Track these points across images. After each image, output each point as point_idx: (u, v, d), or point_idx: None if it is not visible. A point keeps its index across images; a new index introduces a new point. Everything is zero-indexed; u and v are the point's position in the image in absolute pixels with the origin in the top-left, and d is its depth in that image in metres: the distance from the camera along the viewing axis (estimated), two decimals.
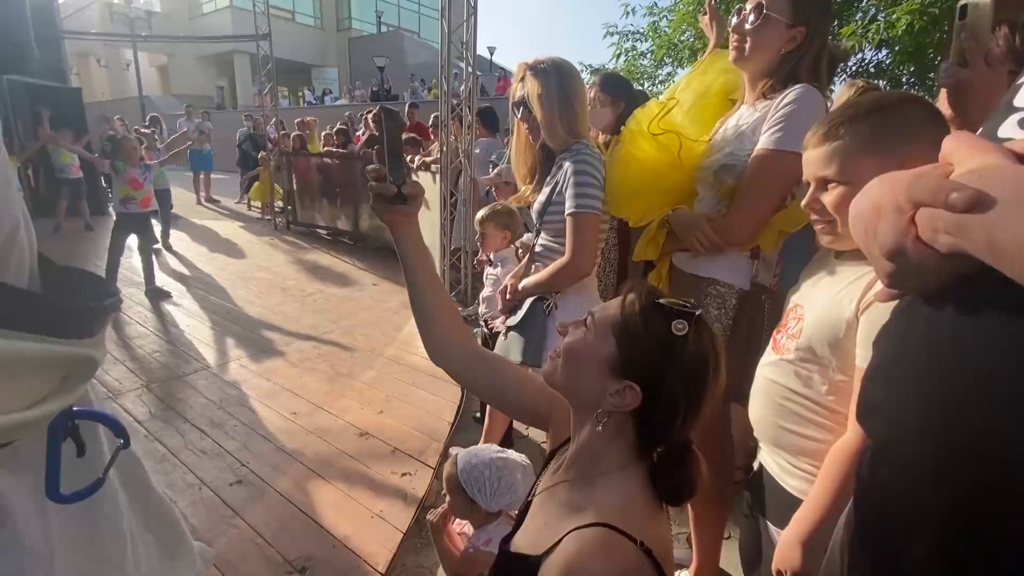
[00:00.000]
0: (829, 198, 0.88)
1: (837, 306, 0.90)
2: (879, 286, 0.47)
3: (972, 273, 0.35)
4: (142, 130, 6.95)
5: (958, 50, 1.11)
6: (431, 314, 0.85)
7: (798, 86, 1.20)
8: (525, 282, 1.60)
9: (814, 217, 0.94)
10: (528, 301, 1.58)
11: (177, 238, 6.42)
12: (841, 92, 1.91)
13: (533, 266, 1.62)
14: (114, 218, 4.26)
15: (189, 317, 4.00)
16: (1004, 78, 1.03)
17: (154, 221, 4.83)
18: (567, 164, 1.46)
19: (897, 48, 5.11)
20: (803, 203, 0.95)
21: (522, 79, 1.49)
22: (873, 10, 5.13)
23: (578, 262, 1.45)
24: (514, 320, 1.60)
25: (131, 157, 4.19)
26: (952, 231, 0.34)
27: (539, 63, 1.46)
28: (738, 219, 1.27)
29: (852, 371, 0.88)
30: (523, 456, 1.46)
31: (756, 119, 1.26)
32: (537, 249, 1.62)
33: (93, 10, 21.95)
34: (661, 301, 0.67)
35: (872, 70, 5.74)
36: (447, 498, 1.45)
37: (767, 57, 1.26)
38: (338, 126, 8.11)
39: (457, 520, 1.52)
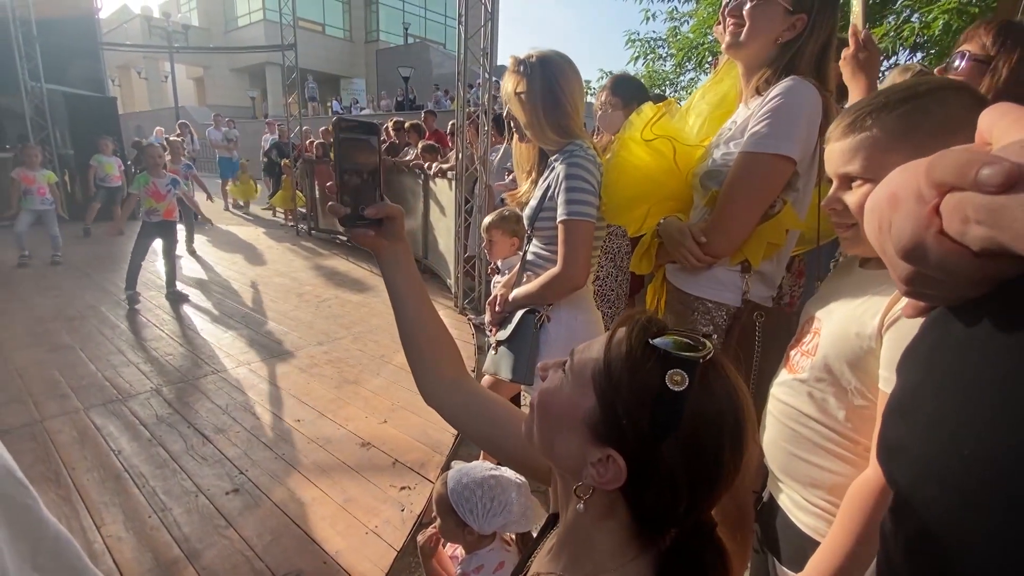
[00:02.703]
0: (852, 198, 0.76)
1: (858, 320, 0.78)
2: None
3: (1015, 277, 0.26)
4: (171, 138, 7.13)
5: None
6: (421, 351, 0.74)
7: (788, 78, 1.07)
8: (515, 293, 1.49)
9: (835, 220, 0.83)
10: (519, 313, 1.48)
11: (201, 243, 6.56)
12: (891, 77, 1.72)
13: (525, 275, 1.52)
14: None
15: (205, 321, 4.03)
16: None
17: (180, 226, 4.93)
18: (558, 167, 1.36)
19: (934, 52, 4.87)
20: (823, 203, 0.83)
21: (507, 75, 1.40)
22: (907, 11, 4.90)
23: (570, 272, 1.34)
24: (504, 334, 1.50)
25: (155, 165, 4.28)
26: (985, 219, 0.25)
27: (527, 57, 1.36)
28: (716, 230, 1.14)
29: (875, 394, 0.77)
30: (518, 475, 1.37)
31: (746, 118, 1.14)
32: (528, 257, 1.52)
33: (134, 24, 22.95)
34: (656, 342, 0.49)
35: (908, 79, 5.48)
36: (437, 520, 1.37)
37: (764, 44, 1.13)
38: None
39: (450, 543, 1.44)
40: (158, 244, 4.38)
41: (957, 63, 1.28)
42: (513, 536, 1.41)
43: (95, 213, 6.78)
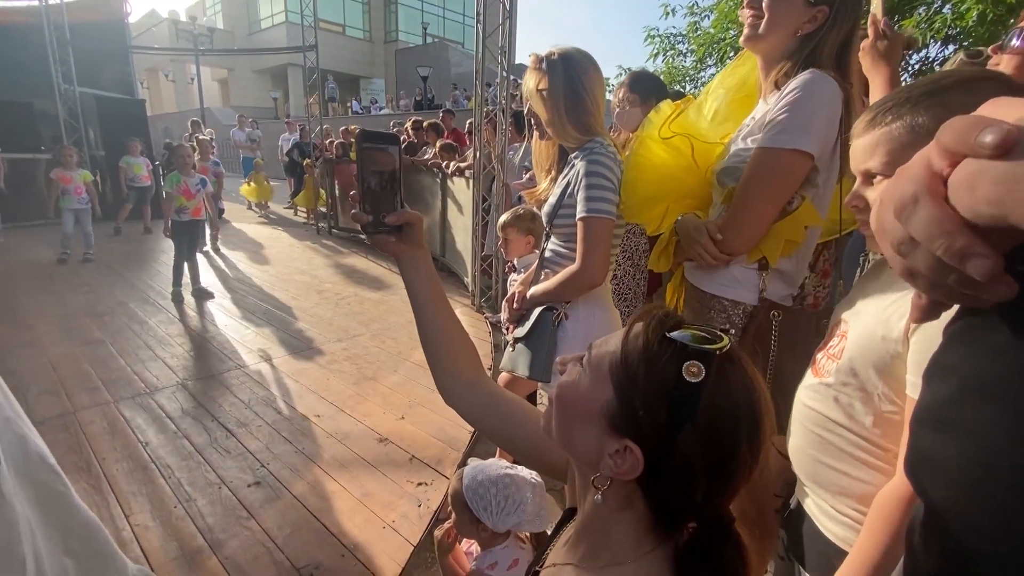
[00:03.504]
0: (874, 194, 0.75)
1: (884, 323, 0.76)
2: None
3: None
4: (200, 137, 7.31)
5: None
6: (439, 352, 0.77)
7: (807, 71, 1.04)
8: (533, 290, 1.49)
9: (859, 217, 0.81)
10: (536, 311, 1.48)
11: (225, 241, 6.70)
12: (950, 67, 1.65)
13: (543, 273, 1.52)
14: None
15: (228, 317, 4.13)
16: None
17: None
18: (579, 164, 1.36)
19: (967, 44, 4.71)
20: (846, 200, 0.82)
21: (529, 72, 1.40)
22: (938, 1, 4.74)
23: (588, 270, 1.34)
24: (521, 331, 1.50)
25: (184, 164, 4.40)
26: (994, 192, 0.23)
27: (549, 54, 1.36)
28: (731, 227, 1.12)
29: (904, 400, 0.75)
30: (534, 473, 1.37)
31: (764, 113, 1.12)
32: (547, 255, 1.51)
33: (162, 28, 23.53)
34: (673, 335, 0.50)
35: (937, 68, 5.32)
36: (452, 515, 1.38)
37: (783, 37, 1.10)
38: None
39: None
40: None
41: (1015, 41, 1.22)
42: (528, 534, 1.42)
43: (127, 213, 7.00)
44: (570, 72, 1.34)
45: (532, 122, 1.46)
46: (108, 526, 1.81)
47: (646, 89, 2.20)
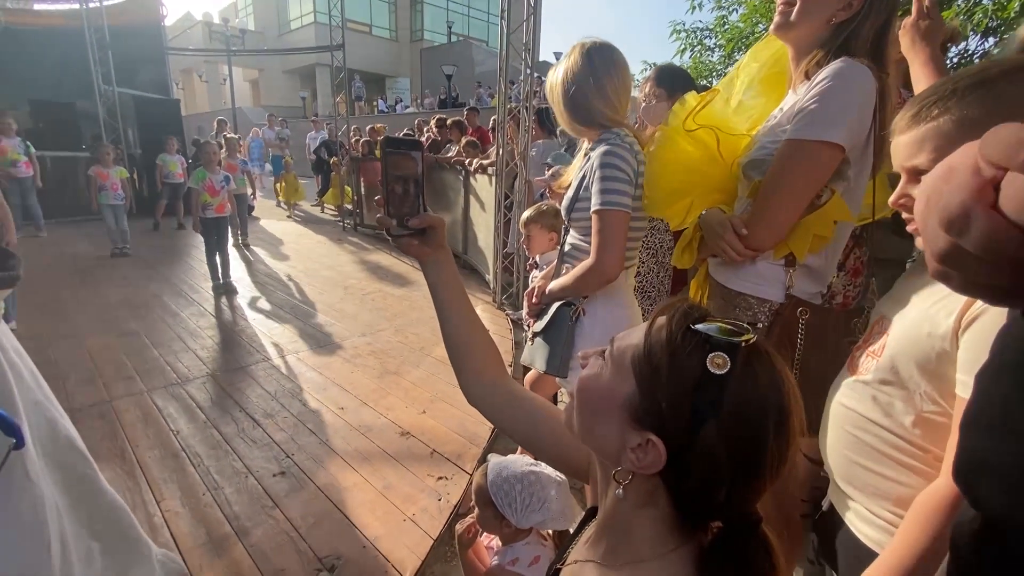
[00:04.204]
0: None
1: (931, 319, 0.73)
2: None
3: None
4: (228, 135, 7.50)
5: None
6: (462, 353, 0.78)
7: (839, 59, 0.99)
8: (552, 285, 1.49)
9: (905, 215, 0.79)
10: (555, 306, 1.47)
11: (253, 238, 6.87)
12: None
13: (564, 267, 1.51)
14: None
15: (256, 311, 4.23)
16: None
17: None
18: (594, 155, 1.35)
19: (1007, 37, 4.48)
20: (891, 200, 0.79)
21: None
22: None
23: (602, 264, 1.32)
24: (540, 325, 1.50)
25: (210, 161, 4.53)
26: None
27: (573, 49, 1.37)
28: (757, 222, 1.08)
29: (949, 400, 0.72)
30: (558, 472, 1.36)
31: (793, 104, 1.07)
32: (566, 248, 1.51)
33: (196, 30, 24.21)
34: (698, 327, 0.49)
35: (976, 63, 5.08)
36: (475, 510, 1.38)
37: (816, 25, 1.05)
38: (404, 131, 8.36)
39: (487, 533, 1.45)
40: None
41: None
42: (550, 532, 1.41)
43: (163, 209, 7.26)
44: (588, 66, 1.35)
45: (553, 118, 1.47)
46: (140, 511, 1.89)
47: (673, 83, 2.16)
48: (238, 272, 5.21)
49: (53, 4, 8.35)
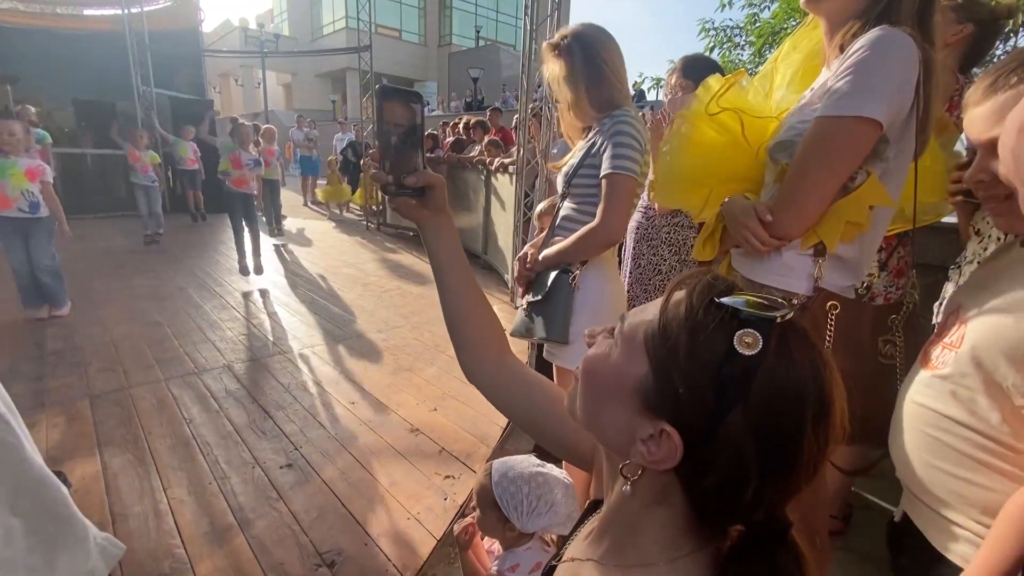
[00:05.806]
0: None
1: (1020, 304, 0.66)
2: None
3: None
4: (265, 127, 7.65)
5: None
6: (460, 325, 0.73)
7: (876, 28, 0.88)
8: (547, 252, 1.48)
9: (982, 194, 0.71)
10: (552, 274, 1.47)
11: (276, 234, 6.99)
12: None
13: (556, 237, 1.51)
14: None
15: (276, 305, 4.27)
16: None
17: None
18: (608, 123, 1.38)
19: None
20: (967, 176, 0.71)
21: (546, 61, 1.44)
22: None
23: (608, 225, 1.36)
24: (533, 296, 1.50)
25: (245, 141, 4.82)
26: None
27: (562, 38, 1.39)
28: (783, 207, 0.97)
29: None
30: (565, 473, 1.29)
31: (825, 81, 0.97)
32: (559, 219, 1.52)
33: (233, 36, 25.04)
34: (724, 300, 0.41)
35: None
36: (476, 511, 1.32)
37: None
38: (428, 131, 8.41)
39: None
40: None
41: None
42: (554, 537, 1.34)
43: (191, 199, 7.50)
44: (588, 52, 1.37)
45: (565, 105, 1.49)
46: (147, 498, 1.88)
47: (701, 74, 2.06)
48: (263, 266, 5.29)
49: (100, 10, 8.69)
